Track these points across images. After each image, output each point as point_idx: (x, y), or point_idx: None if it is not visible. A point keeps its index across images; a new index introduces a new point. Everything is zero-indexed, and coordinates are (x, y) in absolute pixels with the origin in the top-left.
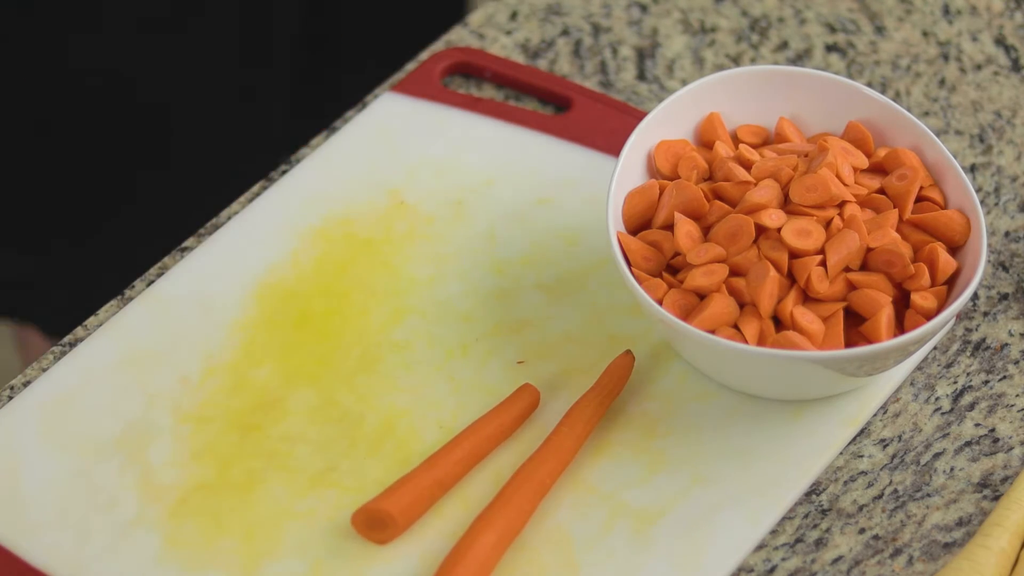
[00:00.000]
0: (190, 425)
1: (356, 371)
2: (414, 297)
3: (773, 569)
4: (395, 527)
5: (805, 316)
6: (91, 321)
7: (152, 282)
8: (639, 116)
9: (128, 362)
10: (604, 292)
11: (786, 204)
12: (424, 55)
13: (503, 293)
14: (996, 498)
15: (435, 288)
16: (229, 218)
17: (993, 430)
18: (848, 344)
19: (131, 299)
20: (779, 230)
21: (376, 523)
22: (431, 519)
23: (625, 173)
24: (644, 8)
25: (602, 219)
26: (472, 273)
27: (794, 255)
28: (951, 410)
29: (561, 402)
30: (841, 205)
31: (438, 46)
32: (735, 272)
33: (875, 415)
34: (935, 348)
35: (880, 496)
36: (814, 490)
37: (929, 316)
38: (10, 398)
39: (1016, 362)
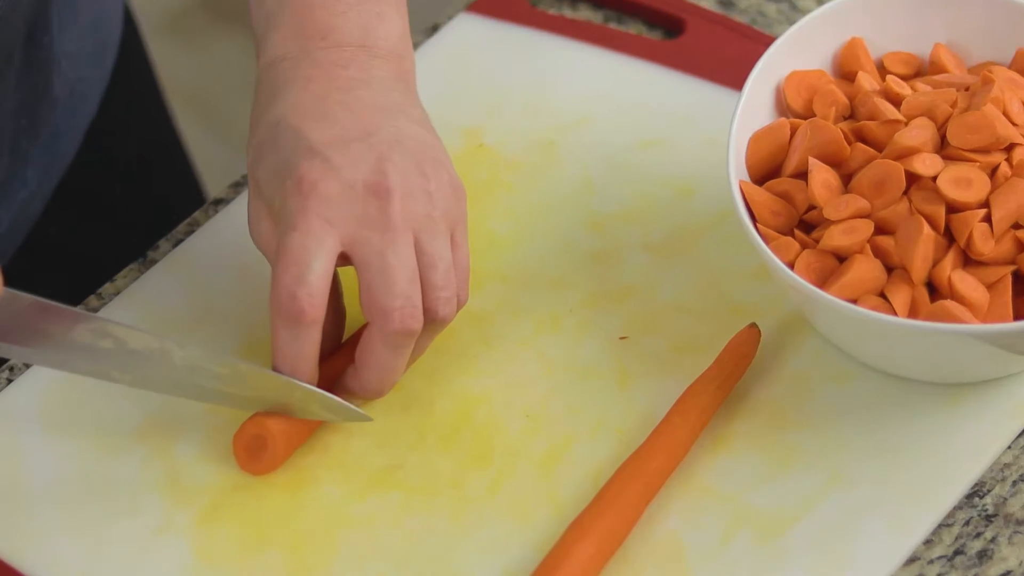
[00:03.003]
0: (225, 413)
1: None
2: (495, 259)
3: None
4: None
5: (966, 282)
6: (107, 289)
7: (180, 242)
8: (766, 42)
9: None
10: (723, 253)
11: (943, 148)
12: None
13: (601, 254)
14: None
15: (520, 248)
16: None
17: None
18: (1017, 316)
19: (155, 262)
20: (934, 179)
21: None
22: (512, 525)
23: (749, 110)
24: None
25: (721, 165)
26: (564, 230)
27: (952, 209)
28: None
29: (671, 386)
30: (1009, 148)
31: None
32: (881, 229)
33: None
34: None
35: None
36: (976, 492)
37: None
38: (9, 381)
39: None
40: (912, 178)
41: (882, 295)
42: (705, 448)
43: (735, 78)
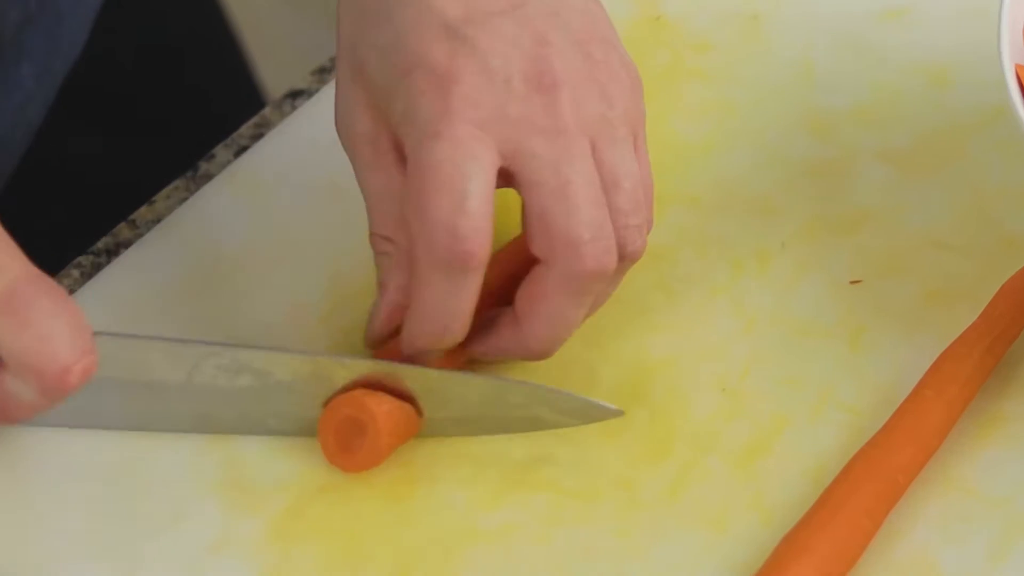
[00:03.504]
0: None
1: None
2: (678, 175)
3: None
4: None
5: None
6: (142, 213)
7: (245, 149)
8: None
9: (204, 280)
10: (992, 166)
11: None
12: None
13: (825, 168)
14: None
15: (713, 160)
16: None
17: None
18: None
19: (209, 177)
20: None
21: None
22: (701, 539)
23: None
24: None
25: (990, 44)
26: (774, 134)
27: None
28: None
29: (922, 348)
30: None
31: None
32: None
33: None
34: None
35: None
36: None
37: None
38: None
39: None
40: None
41: None
42: (968, 435)
43: None
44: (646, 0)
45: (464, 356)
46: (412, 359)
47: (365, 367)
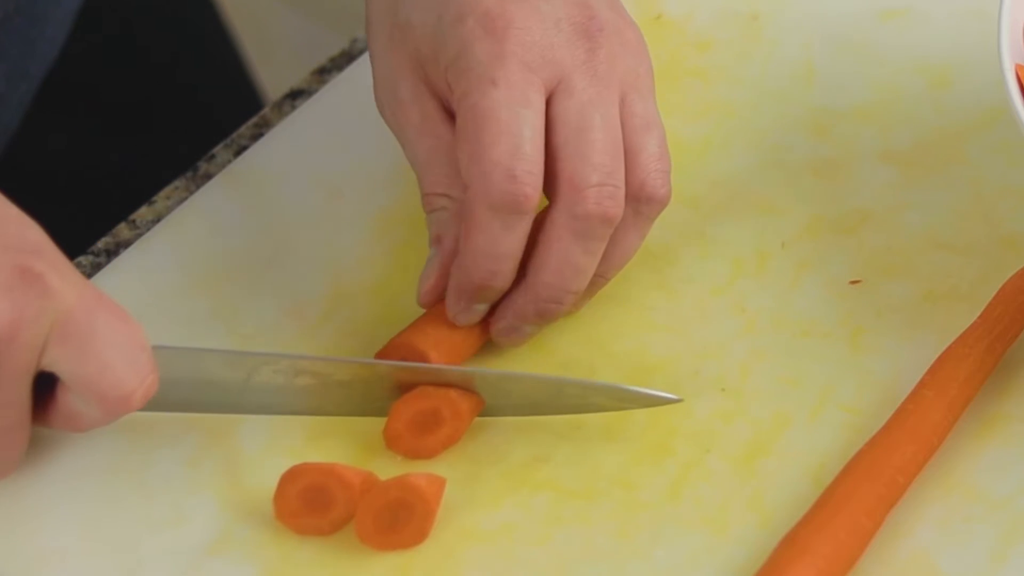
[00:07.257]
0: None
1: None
2: (678, 174)
3: None
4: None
5: None
6: (142, 214)
7: (245, 149)
8: None
9: (204, 280)
10: (993, 166)
11: None
12: None
13: (826, 168)
14: None
15: (713, 159)
16: None
17: None
18: None
19: (209, 177)
20: None
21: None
22: (701, 539)
23: None
24: None
25: (990, 44)
26: (775, 134)
27: None
28: None
29: (922, 348)
30: None
31: None
32: None
33: None
34: None
35: None
36: None
37: None
38: None
39: None
40: None
41: None
42: (969, 435)
43: None
44: (646, 1)
45: (484, 336)
46: (454, 321)
47: (428, 373)
